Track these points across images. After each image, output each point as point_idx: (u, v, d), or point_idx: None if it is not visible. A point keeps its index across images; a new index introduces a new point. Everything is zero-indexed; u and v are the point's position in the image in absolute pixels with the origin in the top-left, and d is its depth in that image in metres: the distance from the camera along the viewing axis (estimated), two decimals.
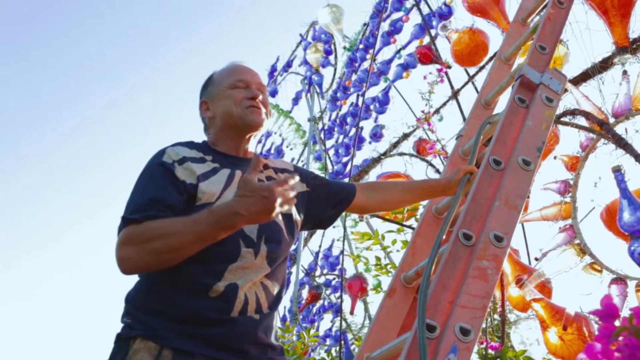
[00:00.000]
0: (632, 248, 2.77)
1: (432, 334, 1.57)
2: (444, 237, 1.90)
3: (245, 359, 1.55)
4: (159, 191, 1.59)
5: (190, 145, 1.78)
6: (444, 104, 6.15)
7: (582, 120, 3.59)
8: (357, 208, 2.09)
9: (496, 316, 3.90)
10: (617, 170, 2.95)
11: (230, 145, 1.83)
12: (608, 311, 0.81)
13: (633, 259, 2.75)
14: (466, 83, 5.94)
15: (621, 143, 2.77)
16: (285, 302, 7.20)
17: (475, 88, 5.78)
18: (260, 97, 1.85)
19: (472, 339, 1.58)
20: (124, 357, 1.48)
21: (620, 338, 0.76)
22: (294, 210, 1.82)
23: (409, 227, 4.33)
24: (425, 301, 1.60)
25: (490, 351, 3.56)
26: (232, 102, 1.83)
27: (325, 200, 2.00)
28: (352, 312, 5.36)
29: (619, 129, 3.38)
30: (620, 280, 3.48)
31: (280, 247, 1.71)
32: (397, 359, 1.65)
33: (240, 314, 1.55)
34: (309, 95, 9.15)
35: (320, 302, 7.40)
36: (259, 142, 9.99)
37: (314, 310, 7.62)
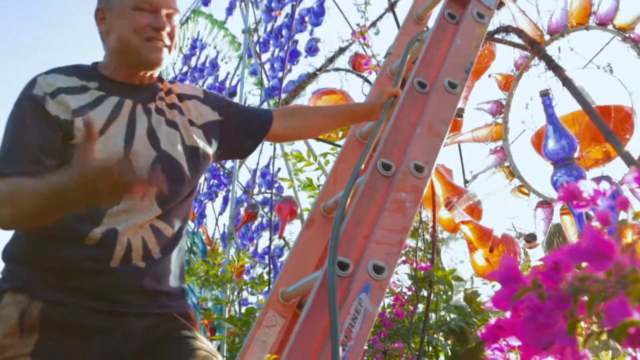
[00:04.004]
0: (555, 178, 2.70)
1: (344, 272, 1.48)
2: (363, 166, 1.78)
3: (127, 307, 1.41)
4: (31, 132, 1.40)
5: (70, 71, 1.53)
6: (381, 16, 6.00)
7: (515, 38, 3.45)
8: (274, 137, 1.88)
9: (427, 236, 3.92)
10: (545, 95, 2.83)
11: (123, 74, 1.57)
12: (508, 275, 0.69)
13: (555, 189, 2.70)
14: None
15: (551, 64, 2.65)
16: (225, 220, 7.12)
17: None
18: (168, 28, 1.55)
19: (386, 277, 1.50)
20: None
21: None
22: (201, 143, 1.62)
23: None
24: (338, 237, 1.49)
25: (420, 272, 3.58)
26: (131, 27, 1.52)
27: (241, 130, 1.79)
28: (280, 236, 5.31)
29: (554, 47, 3.27)
30: (546, 203, 3.48)
31: (177, 186, 1.53)
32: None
33: (123, 262, 1.40)
34: (243, 4, 8.71)
35: (259, 220, 7.35)
36: (193, 55, 9.57)
37: (253, 228, 7.59)
